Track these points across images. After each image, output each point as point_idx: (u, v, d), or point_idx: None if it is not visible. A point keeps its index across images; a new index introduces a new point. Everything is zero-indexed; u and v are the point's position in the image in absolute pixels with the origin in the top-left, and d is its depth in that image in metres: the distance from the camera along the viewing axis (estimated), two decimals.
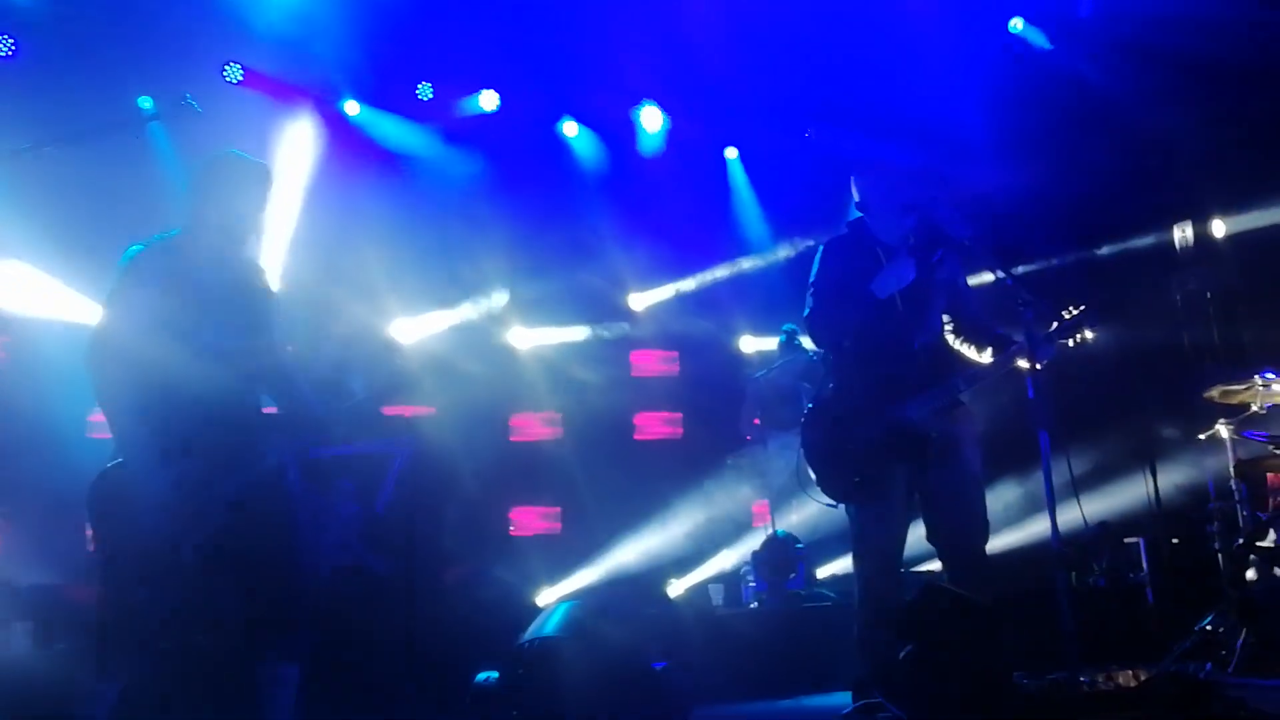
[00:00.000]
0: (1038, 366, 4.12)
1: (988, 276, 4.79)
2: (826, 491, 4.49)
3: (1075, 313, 4.25)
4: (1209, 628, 5.28)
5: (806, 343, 6.79)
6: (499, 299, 8.60)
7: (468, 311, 8.58)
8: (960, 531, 4.39)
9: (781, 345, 7.79)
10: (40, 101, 6.80)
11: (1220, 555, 5.70)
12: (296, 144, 7.66)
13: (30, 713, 4.53)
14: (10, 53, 7.11)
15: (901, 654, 3.86)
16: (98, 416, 3.73)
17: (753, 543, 7.44)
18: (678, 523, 8.06)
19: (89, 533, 6.99)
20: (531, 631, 4.01)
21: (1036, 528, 7.34)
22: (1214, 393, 5.76)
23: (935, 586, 4.04)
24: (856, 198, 4.68)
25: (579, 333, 8.92)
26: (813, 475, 4.53)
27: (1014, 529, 7.41)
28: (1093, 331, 4.27)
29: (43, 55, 7.18)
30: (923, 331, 4.50)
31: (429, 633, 5.49)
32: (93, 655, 3.59)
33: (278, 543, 3.78)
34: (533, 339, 8.83)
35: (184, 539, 3.57)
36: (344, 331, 7.35)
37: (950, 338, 4.62)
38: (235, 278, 3.87)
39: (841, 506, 4.52)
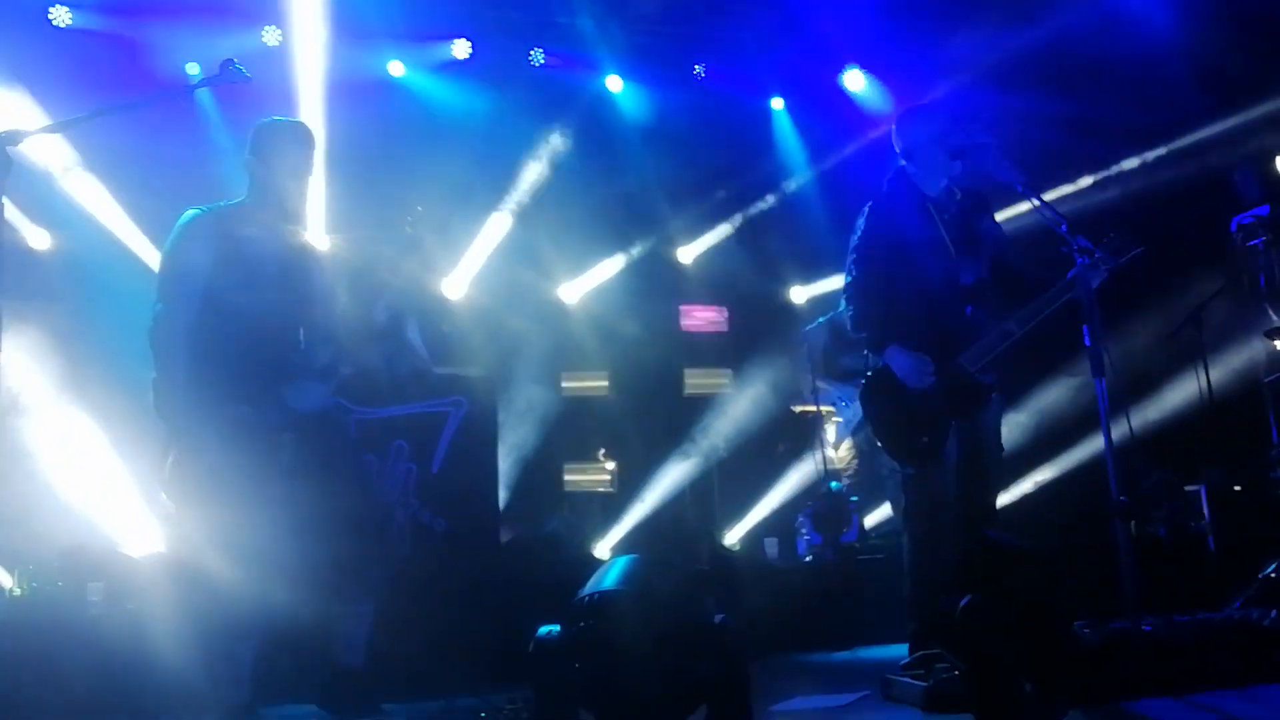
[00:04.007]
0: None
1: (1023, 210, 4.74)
2: (892, 454, 4.48)
3: (1114, 239, 4.25)
4: (1273, 575, 5.23)
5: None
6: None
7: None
8: (978, 488, 4.45)
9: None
10: (96, 68, 6.98)
11: None
12: (337, 100, 7.62)
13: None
14: (69, 24, 7.24)
15: (962, 604, 3.85)
16: None
17: (807, 495, 7.44)
18: (731, 477, 8.06)
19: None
20: (590, 585, 4.03)
21: (1083, 455, 7.33)
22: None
23: (994, 539, 4.02)
24: (899, 147, 4.61)
25: (627, 284, 8.84)
26: (879, 441, 4.53)
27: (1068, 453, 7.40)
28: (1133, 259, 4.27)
29: (96, 23, 7.30)
30: (974, 280, 4.46)
31: (488, 588, 5.56)
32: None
33: (346, 476, 3.85)
34: (582, 290, 8.81)
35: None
36: (397, 284, 7.36)
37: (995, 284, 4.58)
38: (287, 248, 3.91)
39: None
